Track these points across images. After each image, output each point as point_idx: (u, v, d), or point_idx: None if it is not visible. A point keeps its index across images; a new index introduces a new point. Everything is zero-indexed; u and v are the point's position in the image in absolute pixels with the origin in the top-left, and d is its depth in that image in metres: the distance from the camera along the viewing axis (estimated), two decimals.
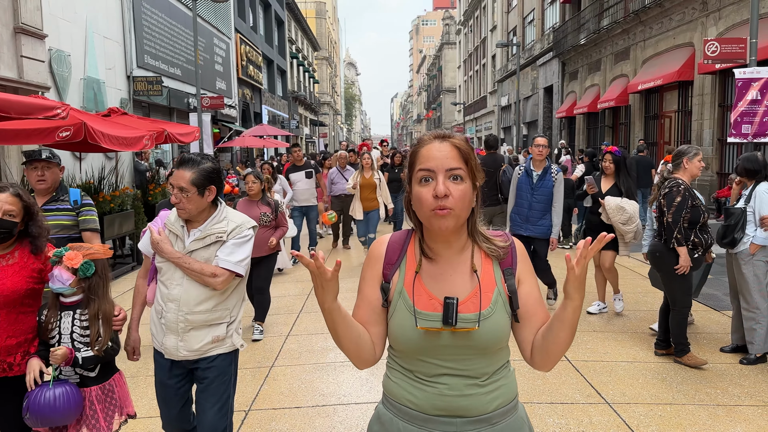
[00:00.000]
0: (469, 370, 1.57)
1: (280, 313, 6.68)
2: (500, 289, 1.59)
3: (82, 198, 4.29)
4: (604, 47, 21.99)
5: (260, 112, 31.48)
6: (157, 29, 17.41)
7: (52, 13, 11.56)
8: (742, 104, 9.35)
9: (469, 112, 53.40)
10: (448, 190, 1.49)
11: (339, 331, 1.56)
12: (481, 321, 1.54)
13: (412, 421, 1.59)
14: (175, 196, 2.70)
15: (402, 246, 1.67)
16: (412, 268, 1.62)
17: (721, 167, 14.54)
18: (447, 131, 1.61)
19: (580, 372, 4.67)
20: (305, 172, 9.67)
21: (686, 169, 4.77)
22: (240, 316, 2.92)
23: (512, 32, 36.94)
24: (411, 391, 1.60)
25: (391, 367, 1.68)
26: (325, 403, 4.26)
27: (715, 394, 4.22)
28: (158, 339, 2.83)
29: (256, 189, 5.83)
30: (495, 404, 1.59)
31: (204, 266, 2.70)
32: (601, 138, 22.48)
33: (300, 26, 47.02)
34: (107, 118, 8.93)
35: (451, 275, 1.60)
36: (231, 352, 2.88)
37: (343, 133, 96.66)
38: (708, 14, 14.80)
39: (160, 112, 17.68)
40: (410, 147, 1.78)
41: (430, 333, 1.54)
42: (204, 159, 2.75)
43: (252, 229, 2.86)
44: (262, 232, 5.64)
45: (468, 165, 1.54)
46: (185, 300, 2.72)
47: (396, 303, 1.60)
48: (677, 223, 4.62)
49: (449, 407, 1.56)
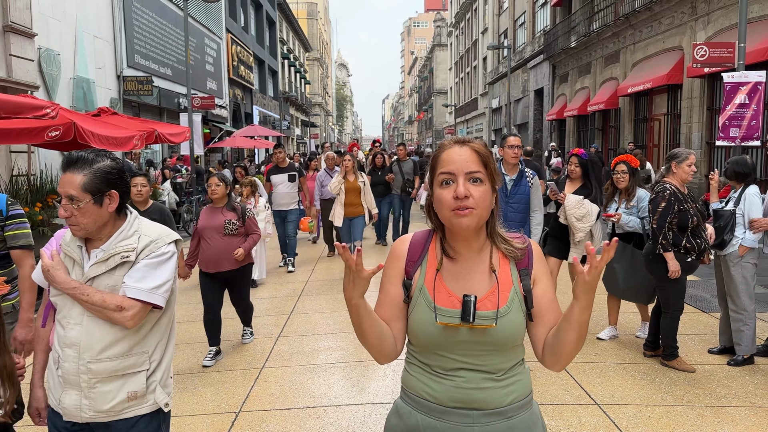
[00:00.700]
0: (486, 365, 1.62)
1: (271, 314, 6.67)
2: (516, 288, 1.65)
3: (9, 207, 3.28)
4: (594, 50, 22.12)
5: (251, 113, 31.41)
6: (148, 29, 17.33)
7: (41, 12, 11.48)
8: (730, 108, 9.43)
9: (461, 114, 53.52)
10: (468, 191, 1.56)
11: (364, 327, 1.62)
12: (498, 318, 1.59)
13: (430, 413, 1.64)
14: (63, 208, 2.06)
15: (424, 245, 1.73)
16: (433, 266, 1.68)
17: (710, 170, 14.65)
18: (467, 137, 1.68)
19: (570, 373, 4.70)
20: (288, 175, 9.02)
21: (675, 174, 4.72)
22: (167, 362, 2.25)
23: (503, 35, 37.09)
24: (429, 384, 1.65)
25: (410, 362, 1.73)
26: (316, 405, 4.25)
27: (703, 395, 4.26)
28: (55, 395, 2.15)
29: (219, 193, 5.30)
30: (510, 398, 1.64)
31: (107, 297, 2.04)
32: (591, 140, 22.60)
33: (291, 27, 46.95)
34: (97, 117, 8.88)
35: (470, 274, 1.66)
36: (155, 412, 2.20)
37: (335, 134, 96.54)
38: (697, 18, 14.93)
39: (150, 112, 17.60)
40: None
41: (449, 328, 1.60)
42: (99, 156, 2.11)
43: (173, 245, 2.20)
44: (227, 242, 5.18)
45: (487, 168, 1.61)
46: (87, 344, 2.06)
47: (417, 299, 1.66)
48: (661, 229, 4.60)
49: (465, 399, 1.61)
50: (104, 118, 9.02)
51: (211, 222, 5.22)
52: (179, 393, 4.52)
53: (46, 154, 10.85)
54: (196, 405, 4.31)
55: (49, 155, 11.02)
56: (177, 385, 4.68)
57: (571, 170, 5.66)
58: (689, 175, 4.69)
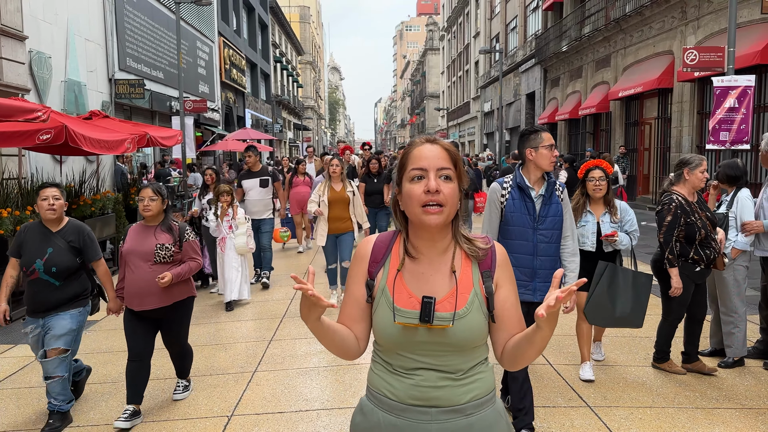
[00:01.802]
0: (445, 365, 1.64)
1: (263, 317, 6.66)
2: (477, 290, 1.66)
3: None
4: (585, 54, 22.24)
5: (243, 116, 31.37)
6: (140, 32, 17.28)
7: (32, 15, 11.43)
8: (720, 112, 9.51)
9: (453, 117, 53.66)
10: (439, 186, 1.58)
11: (323, 341, 1.67)
12: (456, 320, 1.61)
13: (391, 411, 1.67)
14: None
15: (387, 245, 1.75)
16: (395, 267, 1.70)
17: None
18: (436, 136, 1.71)
19: (562, 375, 4.71)
20: (260, 180, 8.11)
21: (687, 181, 4.49)
22: None
23: (495, 39, 37.24)
24: (390, 382, 1.68)
25: (375, 361, 1.76)
26: (309, 408, 4.24)
27: (694, 397, 4.28)
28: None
29: (154, 209, 4.12)
30: (469, 396, 1.65)
31: None
32: (582, 144, 22.72)
33: (284, 30, 46.95)
34: (89, 121, 8.84)
35: (431, 275, 1.67)
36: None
37: (327, 138, 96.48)
38: (687, 23, 15.04)
39: (142, 115, 17.54)
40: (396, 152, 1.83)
41: (408, 329, 1.62)
42: None
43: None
44: (156, 272, 4.03)
45: (456, 168, 1.64)
46: None
47: (379, 299, 1.69)
48: (668, 243, 4.43)
49: (424, 397, 1.63)
50: (96, 121, 8.98)
51: (139, 245, 4.09)
52: (171, 397, 4.50)
53: (37, 157, 10.79)
54: (187, 409, 4.29)
55: (40, 158, 10.96)
56: (169, 389, 4.66)
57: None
58: (702, 182, 4.47)
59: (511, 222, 3.63)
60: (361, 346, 1.74)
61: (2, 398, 4.63)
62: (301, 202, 10.28)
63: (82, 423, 4.14)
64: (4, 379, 5.03)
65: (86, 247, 4.19)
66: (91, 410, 4.35)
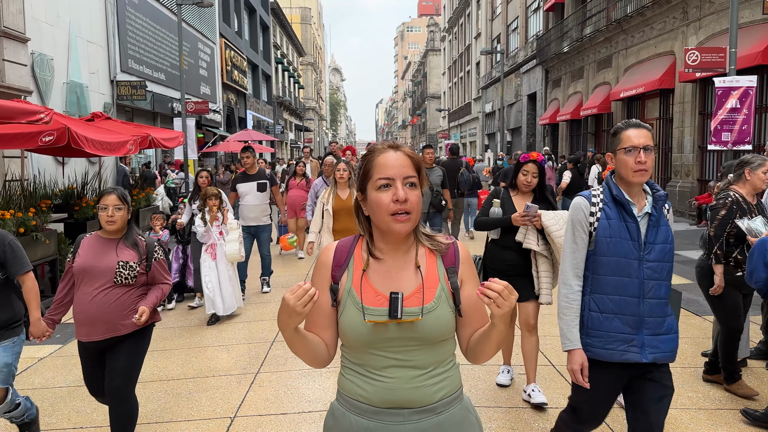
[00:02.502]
0: (415, 361, 1.67)
1: (266, 319, 6.66)
2: (443, 285, 1.71)
3: None
4: (586, 55, 22.23)
5: (245, 117, 31.40)
6: (142, 33, 17.31)
7: (34, 17, 11.45)
8: (721, 112, 9.51)
9: (454, 118, 53.65)
10: (406, 195, 1.63)
11: (298, 349, 1.70)
12: (425, 314, 1.65)
13: (363, 414, 1.69)
14: None
15: (349, 249, 1.78)
16: (359, 268, 1.73)
17: (702, 174, 14.75)
18: (397, 141, 1.78)
19: (565, 377, 4.71)
20: (257, 184, 7.58)
21: (748, 181, 4.29)
22: None
23: (496, 39, 37.25)
24: (361, 385, 1.70)
25: (344, 365, 1.78)
26: (312, 410, 4.25)
27: (697, 398, 4.28)
28: None
29: (118, 222, 3.37)
30: (440, 395, 1.70)
31: None
32: (584, 145, 22.71)
33: (285, 32, 47.00)
34: (91, 122, 8.87)
35: (397, 272, 1.71)
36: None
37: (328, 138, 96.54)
38: (688, 23, 15.04)
39: (143, 117, 17.57)
40: None
41: (378, 326, 1.65)
42: None
43: None
44: (114, 296, 3.34)
45: (419, 174, 1.70)
46: None
47: (345, 302, 1.71)
48: (718, 238, 4.27)
49: (397, 400, 1.66)
50: (98, 123, 9.01)
51: (97, 261, 3.34)
52: (173, 398, 4.51)
53: (39, 159, 10.82)
54: (190, 410, 4.30)
55: (43, 160, 10.99)
56: (171, 390, 4.66)
57: (528, 181, 4.21)
58: (764, 184, 4.30)
59: (606, 251, 2.60)
60: (331, 352, 1.77)
61: None
62: (294, 206, 9.78)
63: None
64: None
65: (9, 259, 3.40)
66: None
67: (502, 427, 3.89)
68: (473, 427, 1.76)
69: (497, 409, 4.16)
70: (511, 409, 4.15)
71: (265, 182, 7.67)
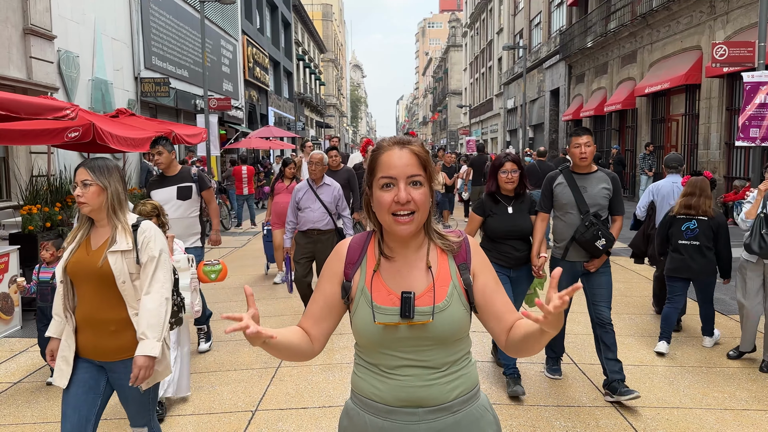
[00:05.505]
0: (429, 360, 1.64)
1: (286, 314, 6.70)
2: (455, 283, 1.67)
3: None
4: (610, 50, 21.95)
5: (266, 114, 31.57)
6: (165, 31, 17.49)
7: (61, 15, 11.63)
8: (750, 108, 9.31)
9: (475, 114, 53.37)
10: (409, 195, 1.59)
11: (273, 353, 1.66)
12: (436, 314, 1.62)
13: (377, 414, 1.67)
14: None
15: (362, 246, 1.75)
16: (372, 266, 1.71)
17: (729, 171, 14.48)
18: (406, 137, 1.68)
19: (587, 375, 4.66)
20: (177, 189, 5.40)
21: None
22: None
23: (519, 35, 36.92)
24: (375, 384, 1.68)
25: (358, 364, 1.77)
26: (332, 404, 4.26)
27: (723, 398, 4.21)
28: None
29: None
30: (456, 393, 1.66)
31: None
32: (608, 141, 22.45)
33: (306, 28, 47.13)
34: (115, 119, 8.98)
35: (409, 271, 1.68)
36: None
37: (349, 135, 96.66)
38: (716, 17, 14.76)
39: (167, 113, 17.75)
40: None
41: (389, 326, 1.63)
42: None
43: None
44: None
45: (426, 171, 1.64)
46: None
47: (359, 300, 1.69)
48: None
49: (411, 398, 1.64)
50: (122, 119, 9.11)
51: None
52: (196, 392, 4.55)
53: (65, 155, 10.99)
54: (212, 403, 4.34)
55: (68, 156, 11.16)
56: (194, 383, 4.71)
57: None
58: None
59: None
60: (316, 347, 1.74)
61: (32, 391, 4.72)
62: (282, 215, 7.58)
63: None
64: (33, 372, 5.13)
65: None
66: None
67: (524, 425, 3.86)
68: (491, 426, 1.73)
69: (517, 407, 4.13)
70: (532, 408, 4.12)
71: (190, 186, 5.45)
